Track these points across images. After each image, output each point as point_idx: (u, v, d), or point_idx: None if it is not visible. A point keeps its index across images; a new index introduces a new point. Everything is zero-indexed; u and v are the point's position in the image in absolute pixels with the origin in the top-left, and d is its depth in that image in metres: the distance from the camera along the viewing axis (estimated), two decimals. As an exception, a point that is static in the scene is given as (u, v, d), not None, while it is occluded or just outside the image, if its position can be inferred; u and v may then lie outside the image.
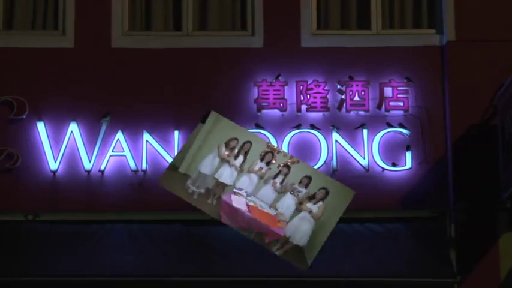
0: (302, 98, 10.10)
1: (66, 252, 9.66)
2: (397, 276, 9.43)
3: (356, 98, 10.14)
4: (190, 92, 10.10)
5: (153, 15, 10.77)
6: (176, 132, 9.92)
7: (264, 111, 10.07)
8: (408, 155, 9.99)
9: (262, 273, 9.35)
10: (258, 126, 9.99)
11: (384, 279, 9.40)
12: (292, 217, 8.09)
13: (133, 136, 9.92)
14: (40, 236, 9.82)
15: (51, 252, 9.62)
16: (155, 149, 9.89)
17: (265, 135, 10.11)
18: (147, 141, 9.87)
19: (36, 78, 10.12)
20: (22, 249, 9.66)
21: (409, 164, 9.96)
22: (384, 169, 9.94)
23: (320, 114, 10.11)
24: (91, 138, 9.96)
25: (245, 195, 8.05)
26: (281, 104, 10.05)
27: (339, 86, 10.12)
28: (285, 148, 10.21)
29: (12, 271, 9.35)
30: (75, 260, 9.50)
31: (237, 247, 9.51)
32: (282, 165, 8.16)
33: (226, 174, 8.02)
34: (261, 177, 8.07)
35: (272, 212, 8.06)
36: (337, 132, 9.99)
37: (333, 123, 10.07)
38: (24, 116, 9.92)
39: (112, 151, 9.84)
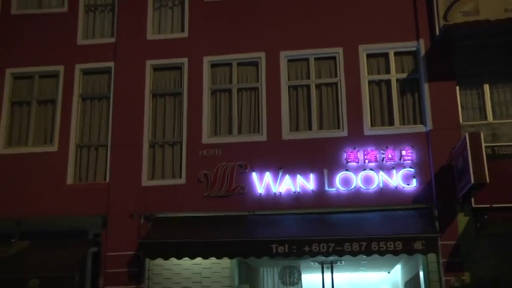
0: (365, 156, 15.32)
1: (272, 227, 14.65)
2: (410, 233, 14.06)
3: (389, 155, 15.22)
4: (315, 156, 15.32)
5: (300, 121, 15.98)
6: (311, 175, 15.20)
7: (349, 163, 15.30)
8: (414, 180, 15.00)
9: (350, 235, 14.17)
10: (346, 170, 15.08)
11: (404, 235, 13.93)
12: None
13: (293, 177, 15.37)
14: (255, 221, 15.18)
15: (260, 228, 14.76)
16: (303, 181, 15.28)
17: (349, 173, 14.94)
18: (299, 179, 15.37)
19: (249, 155, 15.55)
20: (246, 227, 14.93)
21: (415, 184, 15.00)
22: (403, 187, 15.00)
23: (374, 163, 15.24)
24: (275, 179, 15.33)
25: None
26: (356, 160, 15.34)
27: (381, 151, 15.22)
28: (359, 178, 14.76)
29: (240, 236, 14.62)
30: (267, 231, 14.64)
31: (337, 224, 14.71)
32: None
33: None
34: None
35: None
36: (382, 171, 15.13)
37: (380, 167, 15.15)
38: (247, 170, 15.58)
39: (284, 184, 15.36)
